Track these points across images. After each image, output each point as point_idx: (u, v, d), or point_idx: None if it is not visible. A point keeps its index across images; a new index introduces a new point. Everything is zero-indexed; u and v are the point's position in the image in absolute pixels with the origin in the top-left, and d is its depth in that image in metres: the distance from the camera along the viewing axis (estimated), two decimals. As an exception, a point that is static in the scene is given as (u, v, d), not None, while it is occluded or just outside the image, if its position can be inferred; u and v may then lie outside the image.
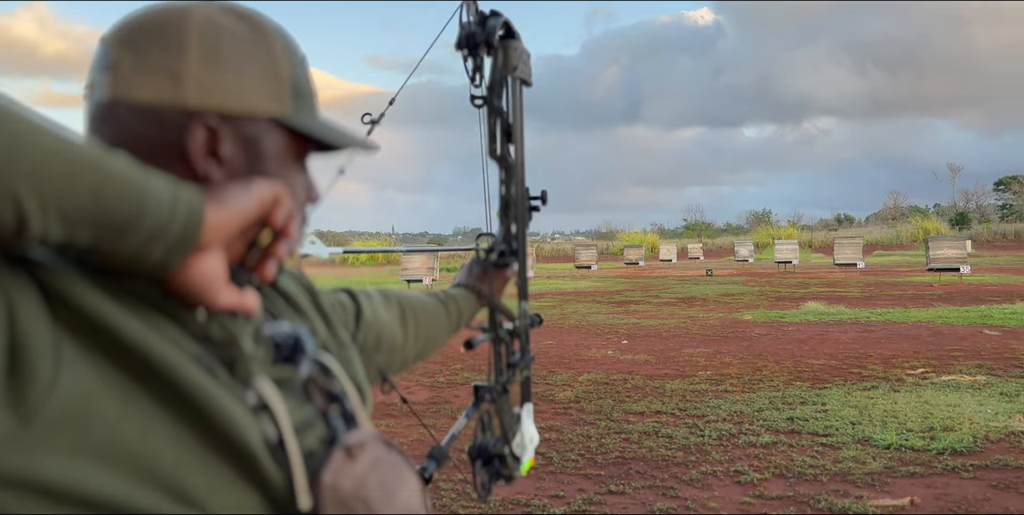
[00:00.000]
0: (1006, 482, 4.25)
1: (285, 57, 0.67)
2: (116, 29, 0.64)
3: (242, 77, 0.63)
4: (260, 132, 0.65)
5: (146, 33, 0.62)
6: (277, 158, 0.66)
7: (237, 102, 0.63)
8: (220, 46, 0.62)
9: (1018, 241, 52.72)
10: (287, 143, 0.67)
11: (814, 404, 6.22)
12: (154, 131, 0.61)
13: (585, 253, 31.87)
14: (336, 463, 0.64)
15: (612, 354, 9.28)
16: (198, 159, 0.61)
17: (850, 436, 5.22)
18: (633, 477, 4.51)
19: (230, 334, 0.63)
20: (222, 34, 0.63)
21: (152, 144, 0.61)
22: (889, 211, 74.14)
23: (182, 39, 0.61)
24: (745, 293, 19.01)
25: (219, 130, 0.62)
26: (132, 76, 0.61)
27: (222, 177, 0.62)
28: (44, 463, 0.49)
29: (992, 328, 10.59)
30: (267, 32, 0.66)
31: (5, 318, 0.49)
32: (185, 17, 0.62)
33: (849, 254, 26.50)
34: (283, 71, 0.66)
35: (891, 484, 4.28)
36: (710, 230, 76.09)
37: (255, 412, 0.61)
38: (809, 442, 5.15)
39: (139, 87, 0.60)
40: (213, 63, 0.62)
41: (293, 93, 0.67)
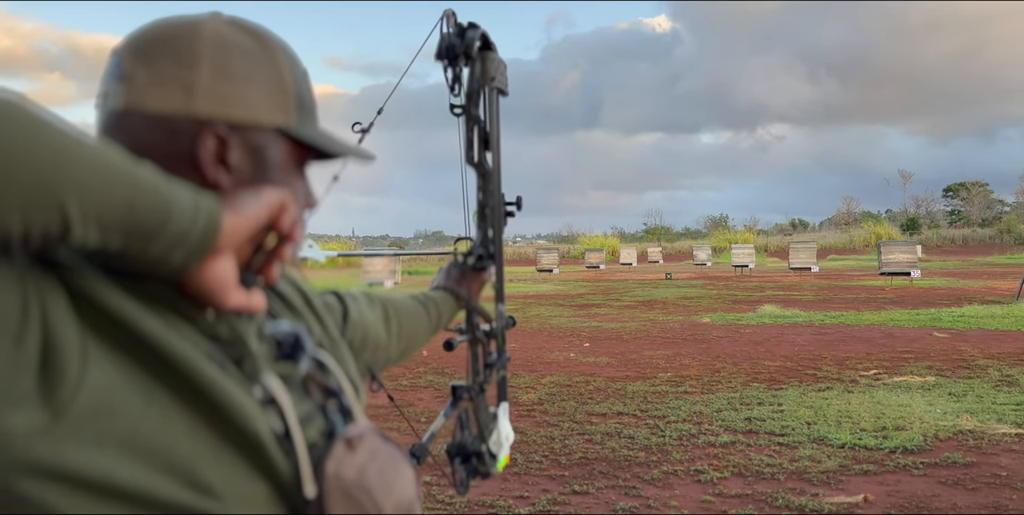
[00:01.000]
0: (954, 479, 4.41)
1: (289, 70, 0.70)
2: (130, 41, 0.67)
3: (250, 89, 0.67)
4: (266, 141, 0.68)
5: (160, 46, 0.65)
6: (281, 166, 0.70)
7: (245, 113, 0.66)
8: (230, 59, 0.66)
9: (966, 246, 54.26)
10: (290, 152, 0.71)
11: (771, 405, 6.36)
12: (166, 139, 0.64)
13: (547, 257, 32.00)
14: (338, 454, 0.68)
15: (574, 357, 9.36)
16: (208, 166, 0.65)
17: (806, 436, 5.36)
18: (596, 477, 4.58)
19: (237, 333, 0.67)
20: (232, 48, 0.66)
21: (164, 152, 0.64)
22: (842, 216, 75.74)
23: (194, 53, 0.65)
24: (703, 296, 19.29)
25: (228, 139, 0.65)
26: (146, 87, 0.64)
27: (230, 183, 0.66)
28: (73, 454, 0.52)
29: (941, 331, 10.91)
30: (273, 47, 0.70)
31: (39, 318, 0.52)
32: (197, 31, 0.66)
33: (804, 258, 27.03)
34: (288, 84, 0.70)
35: (845, 482, 4.41)
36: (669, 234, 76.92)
37: (263, 406, 0.65)
38: (766, 441, 5.27)
39: (153, 97, 0.64)
40: (224, 76, 0.65)
41: (297, 105, 0.71)
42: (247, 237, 0.62)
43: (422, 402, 6.70)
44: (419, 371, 8.29)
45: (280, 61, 0.70)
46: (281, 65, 0.70)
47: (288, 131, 0.70)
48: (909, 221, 64.34)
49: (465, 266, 1.25)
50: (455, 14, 1.09)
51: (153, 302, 0.60)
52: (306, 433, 0.68)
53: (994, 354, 8.69)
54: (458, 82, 1.09)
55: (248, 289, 0.65)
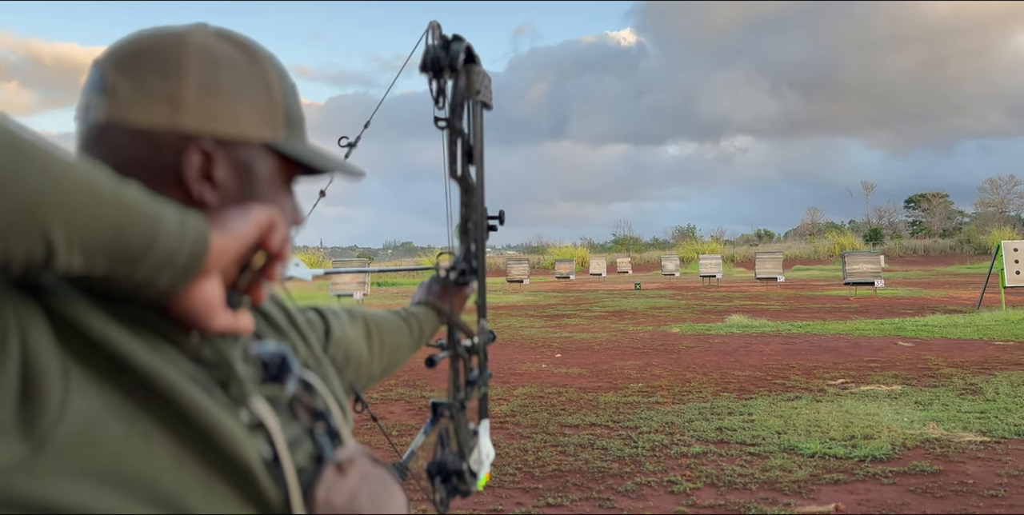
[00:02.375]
0: (923, 487, 4.47)
1: (278, 84, 0.68)
2: (113, 53, 0.64)
3: (238, 103, 0.64)
4: (253, 157, 0.66)
5: (145, 58, 0.62)
6: (268, 182, 0.68)
7: (233, 128, 0.64)
8: (218, 73, 0.64)
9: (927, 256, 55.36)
10: (278, 168, 0.69)
11: (741, 414, 6.40)
12: (150, 154, 0.62)
13: (517, 267, 32.02)
14: (328, 479, 0.66)
15: (546, 368, 9.35)
16: (193, 182, 0.62)
17: (776, 445, 5.40)
18: (570, 489, 4.56)
19: (222, 355, 0.64)
20: (219, 61, 0.64)
21: (147, 166, 0.62)
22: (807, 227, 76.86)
23: (181, 66, 0.62)
24: (672, 306, 19.42)
25: (214, 154, 0.63)
26: (130, 100, 0.61)
27: (215, 200, 0.64)
28: (53, 488, 0.49)
29: (906, 340, 11.09)
30: (261, 59, 0.68)
31: (18, 345, 0.49)
32: (183, 43, 0.63)
33: (770, 268, 27.37)
34: (276, 97, 0.68)
35: (816, 491, 4.44)
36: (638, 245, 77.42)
37: (251, 430, 0.62)
38: (738, 451, 5.29)
39: (137, 111, 0.61)
40: (211, 90, 0.63)
41: (286, 120, 0.69)
42: (235, 257, 0.60)
43: (393, 415, 6.63)
44: (390, 383, 8.22)
45: (269, 74, 0.68)
46: (270, 78, 0.68)
47: (276, 146, 0.68)
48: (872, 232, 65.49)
49: (447, 281, 1.23)
50: (440, 26, 1.08)
51: (136, 326, 0.58)
52: (294, 457, 0.66)
53: (958, 363, 8.84)
54: (442, 95, 1.08)
55: (235, 310, 0.63)
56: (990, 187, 69.34)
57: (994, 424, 5.83)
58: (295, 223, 0.74)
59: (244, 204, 0.65)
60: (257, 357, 0.70)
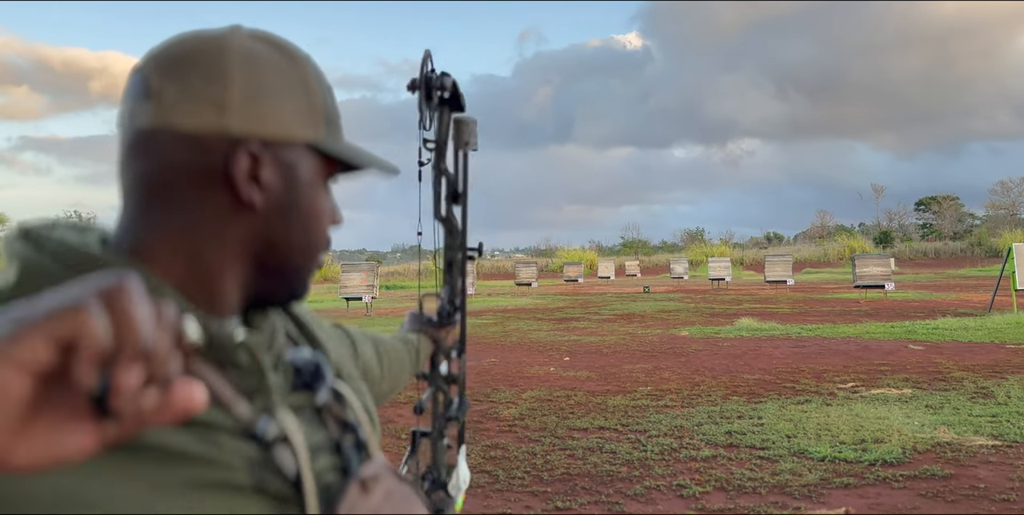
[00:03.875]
0: (934, 491, 4.44)
1: (316, 84, 0.69)
2: (154, 58, 0.64)
3: (281, 105, 0.65)
4: (297, 157, 0.66)
5: (188, 63, 0.62)
6: (311, 182, 0.68)
7: (277, 129, 0.64)
8: (261, 75, 0.64)
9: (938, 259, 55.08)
10: (318, 167, 0.69)
11: (751, 418, 6.38)
12: (196, 157, 0.62)
13: (525, 270, 32.03)
14: (351, 496, 0.65)
15: (554, 371, 9.35)
16: (242, 184, 0.63)
17: (786, 449, 5.38)
18: (579, 493, 4.56)
19: (257, 363, 0.64)
20: (261, 63, 0.64)
21: (194, 170, 0.62)
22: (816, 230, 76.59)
23: (225, 69, 0.62)
24: (681, 310, 19.38)
25: (261, 156, 0.63)
26: (176, 104, 0.61)
27: (262, 201, 0.64)
28: None
29: (916, 343, 11.03)
30: (300, 61, 0.68)
31: None
32: (225, 46, 0.64)
33: (779, 271, 27.30)
34: (316, 98, 0.68)
35: (826, 495, 4.42)
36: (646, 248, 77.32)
37: (274, 444, 0.62)
38: (747, 455, 5.28)
39: (183, 115, 0.61)
40: (255, 92, 0.63)
41: (325, 119, 0.69)
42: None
43: (402, 418, 6.64)
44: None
45: (307, 75, 0.68)
46: (309, 79, 0.68)
47: (318, 146, 0.68)
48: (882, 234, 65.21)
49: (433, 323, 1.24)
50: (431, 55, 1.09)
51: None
52: (317, 465, 0.66)
53: (969, 366, 8.79)
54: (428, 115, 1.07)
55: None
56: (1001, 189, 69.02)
57: (1006, 428, 5.79)
58: (334, 223, 0.73)
59: (297, 209, 0.66)
60: (291, 363, 0.70)
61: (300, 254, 0.68)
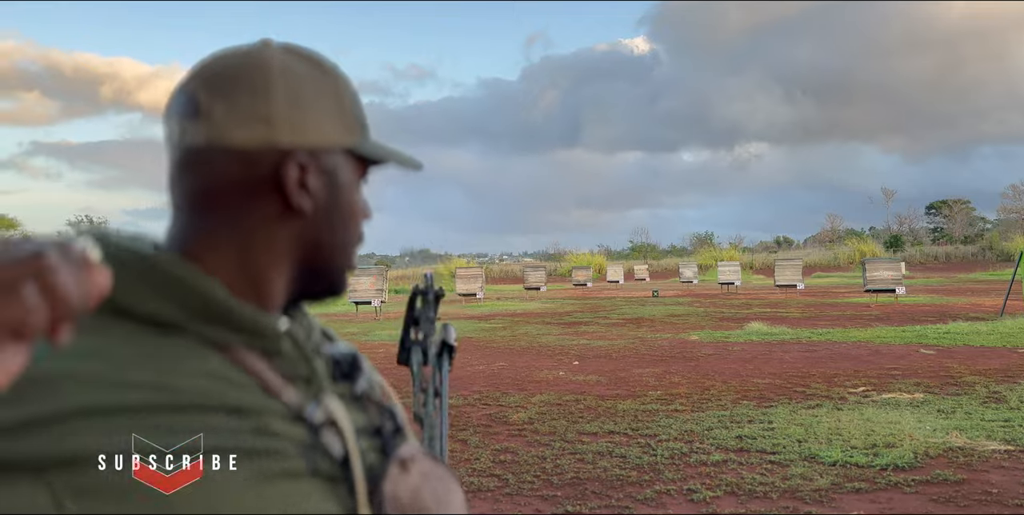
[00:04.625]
0: (945, 496, 4.42)
1: (347, 92, 0.73)
2: (198, 76, 0.68)
3: (321, 114, 0.69)
4: (338, 163, 0.71)
5: (233, 80, 0.66)
6: (350, 184, 0.73)
7: (320, 138, 0.69)
8: (300, 88, 0.68)
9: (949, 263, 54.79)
10: (359, 171, 0.75)
11: (761, 422, 6.36)
12: (248, 170, 0.66)
13: (534, 274, 32.03)
14: (393, 475, 0.69)
15: (564, 375, 9.34)
16: (293, 192, 0.67)
17: (797, 453, 5.36)
18: (589, 497, 4.56)
19: (302, 350, 0.69)
20: (299, 76, 0.69)
21: (246, 183, 0.66)
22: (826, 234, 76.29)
23: (268, 84, 0.66)
24: (691, 314, 19.34)
25: (307, 165, 0.68)
26: (226, 122, 0.65)
27: (310, 207, 0.69)
28: None
29: (927, 347, 10.98)
30: (330, 71, 0.72)
31: None
32: (265, 62, 0.68)
33: (789, 276, 27.20)
34: (348, 105, 0.72)
35: (838, 500, 4.41)
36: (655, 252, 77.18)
37: (322, 427, 0.66)
38: (758, 460, 5.26)
39: (234, 131, 0.65)
40: (297, 104, 0.67)
41: (357, 126, 0.73)
42: None
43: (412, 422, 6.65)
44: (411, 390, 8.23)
45: (339, 84, 0.72)
46: (340, 88, 0.72)
47: (356, 150, 0.72)
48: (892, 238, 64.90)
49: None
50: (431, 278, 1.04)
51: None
52: (359, 447, 0.69)
53: (981, 370, 8.74)
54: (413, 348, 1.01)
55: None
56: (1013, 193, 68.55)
57: (1018, 432, 5.76)
58: (366, 217, 0.78)
59: (339, 210, 0.71)
60: (329, 356, 0.74)
61: (340, 252, 0.73)
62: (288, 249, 0.69)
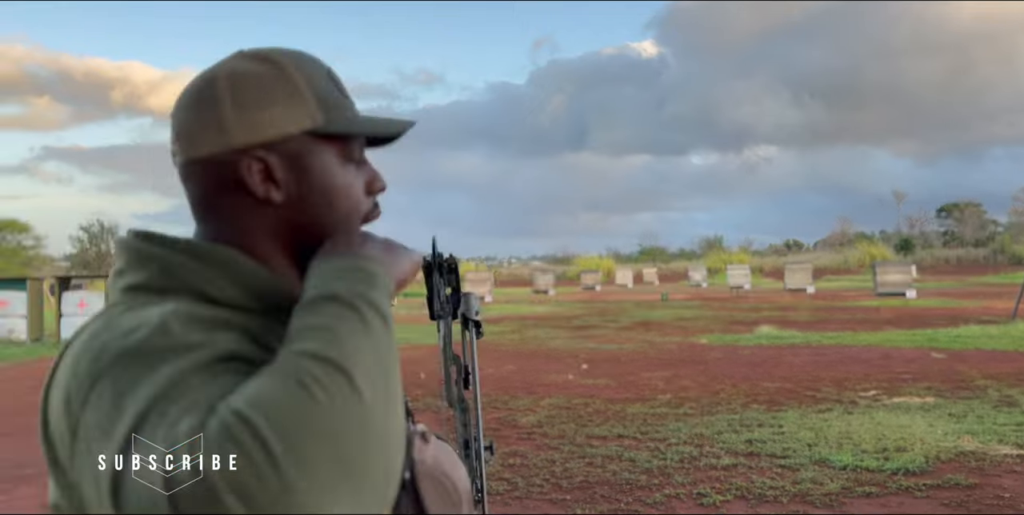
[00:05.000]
0: (957, 500, 4.39)
1: (303, 79, 0.76)
2: (175, 104, 0.77)
3: (270, 109, 0.73)
4: (302, 147, 0.75)
5: (190, 99, 0.75)
6: (324, 164, 0.76)
7: (274, 131, 0.73)
8: (245, 90, 0.73)
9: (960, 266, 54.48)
10: (334, 149, 0.77)
11: (771, 426, 6.34)
12: (219, 175, 0.73)
13: (542, 278, 32.03)
14: (418, 444, 0.78)
15: (573, 378, 9.33)
16: (256, 186, 0.73)
17: (807, 458, 5.34)
18: (598, 501, 4.55)
19: None
20: (244, 79, 0.74)
21: (220, 186, 0.74)
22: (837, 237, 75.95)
23: (215, 94, 0.73)
24: (700, 317, 19.28)
25: (267, 158, 0.73)
26: (193, 138, 0.74)
27: (281, 197, 0.74)
28: None
29: (939, 351, 10.92)
30: (281, 63, 0.76)
31: None
32: (214, 75, 0.75)
33: (799, 279, 27.13)
34: (303, 91, 0.75)
35: (848, 504, 4.39)
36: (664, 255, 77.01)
37: None
38: (768, 464, 5.24)
39: (199, 144, 0.73)
40: (243, 106, 0.73)
41: (322, 106, 0.76)
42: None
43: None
44: (416, 393, 8.24)
45: (291, 73, 0.75)
46: (294, 76, 0.75)
47: (317, 131, 0.75)
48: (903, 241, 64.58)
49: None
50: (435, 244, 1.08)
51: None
52: None
53: (993, 374, 8.69)
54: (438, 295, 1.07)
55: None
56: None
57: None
58: (373, 191, 0.81)
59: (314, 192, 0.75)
60: None
61: (334, 229, 0.76)
62: (278, 235, 0.75)
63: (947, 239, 71.00)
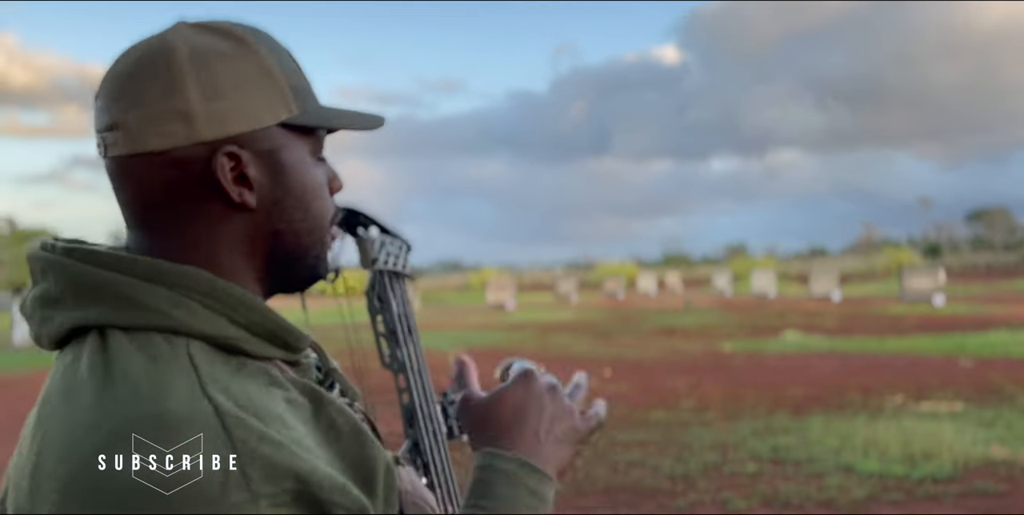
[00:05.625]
0: (985, 508, 4.34)
1: (274, 60, 0.65)
2: (107, 84, 0.62)
3: (245, 95, 0.62)
4: (275, 142, 0.64)
5: (140, 81, 0.60)
6: (297, 161, 0.65)
7: (249, 121, 0.62)
8: (214, 71, 0.61)
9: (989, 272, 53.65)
10: (306, 144, 0.66)
11: (796, 433, 6.29)
12: (177, 173, 0.60)
13: (564, 284, 31.99)
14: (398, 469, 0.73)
15: (595, 385, 9.31)
16: (231, 188, 0.61)
17: (833, 464, 5.29)
18: (620, 507, 4.54)
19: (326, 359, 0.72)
20: (211, 59, 0.61)
21: (181, 187, 0.61)
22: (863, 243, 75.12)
23: (177, 77, 0.60)
24: (724, 324, 19.15)
25: (240, 154, 0.61)
26: (143, 128, 0.60)
27: (254, 200, 0.62)
28: None
29: (967, 358, 10.76)
30: (248, 42, 0.64)
31: None
32: (170, 52, 0.61)
33: (824, 285, 26.87)
34: (276, 75, 0.64)
35: (875, 511, 4.35)
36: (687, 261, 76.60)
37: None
38: (793, 470, 5.21)
39: (152, 136, 0.60)
40: (214, 92, 0.60)
41: (293, 94, 0.65)
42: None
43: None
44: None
45: (261, 54, 0.64)
46: (264, 58, 0.64)
47: (292, 122, 0.64)
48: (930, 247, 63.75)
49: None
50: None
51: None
52: None
53: (1022, 381, 8.55)
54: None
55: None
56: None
57: (1062, 445, 5.63)
58: (335, 190, 0.71)
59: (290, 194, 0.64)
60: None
61: (308, 235, 0.67)
62: (250, 246, 0.64)
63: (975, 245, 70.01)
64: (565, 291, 31.44)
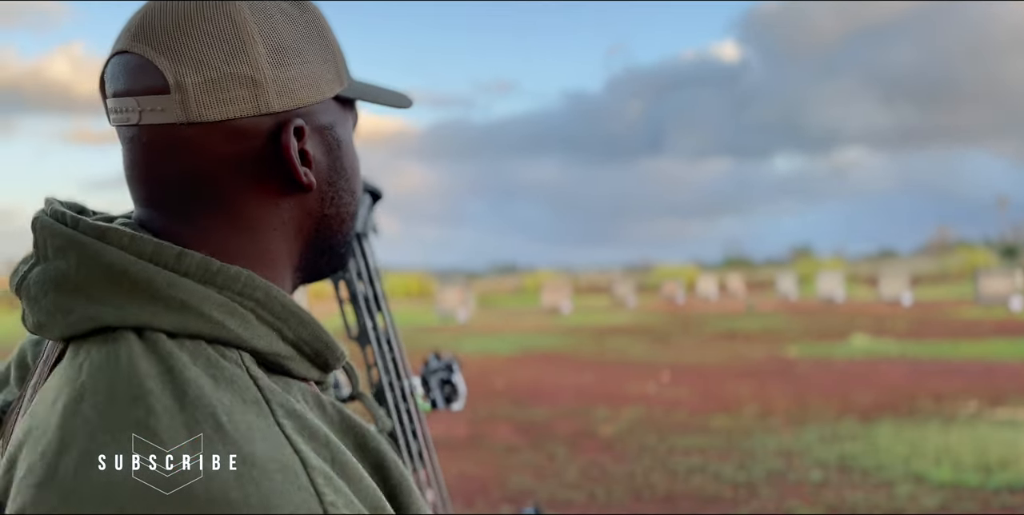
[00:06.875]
0: (1070, 522, 4.11)
1: (328, 25, 0.59)
2: (148, 38, 0.53)
3: (308, 62, 0.56)
4: (332, 117, 0.58)
5: (197, 38, 0.52)
6: (350, 139, 0.61)
7: (312, 93, 0.56)
8: (281, 35, 0.54)
9: (1071, 273, 51.28)
10: (350, 118, 0.62)
11: (864, 440, 6.08)
12: (239, 147, 0.53)
13: (622, 286, 31.75)
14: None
15: (653, 389, 9.19)
16: (298, 165, 0.55)
17: (903, 473, 5.10)
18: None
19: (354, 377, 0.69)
20: (276, 19, 0.55)
21: (239, 161, 0.54)
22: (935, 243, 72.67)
23: (243, 38, 0.53)
24: (788, 328, 18.70)
25: (304, 128, 0.55)
26: (202, 93, 0.52)
27: (312, 180, 0.56)
28: None
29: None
30: (306, 5, 0.58)
31: None
32: (232, 8, 0.53)
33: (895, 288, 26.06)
34: (332, 42, 0.59)
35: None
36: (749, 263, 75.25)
37: None
38: (861, 479, 5.03)
39: (216, 104, 0.52)
40: (280, 55, 0.54)
41: (344, 65, 0.60)
42: None
43: (499, 434, 6.67)
44: (498, 402, 8.26)
45: (318, 14, 0.58)
46: (320, 19, 0.58)
47: (345, 95, 0.59)
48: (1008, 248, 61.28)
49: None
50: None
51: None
52: None
53: (1109, 388, 8.12)
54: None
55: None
56: None
57: None
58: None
59: (343, 174, 0.59)
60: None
61: (351, 220, 0.61)
62: (295, 232, 0.57)
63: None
64: (622, 294, 31.19)
